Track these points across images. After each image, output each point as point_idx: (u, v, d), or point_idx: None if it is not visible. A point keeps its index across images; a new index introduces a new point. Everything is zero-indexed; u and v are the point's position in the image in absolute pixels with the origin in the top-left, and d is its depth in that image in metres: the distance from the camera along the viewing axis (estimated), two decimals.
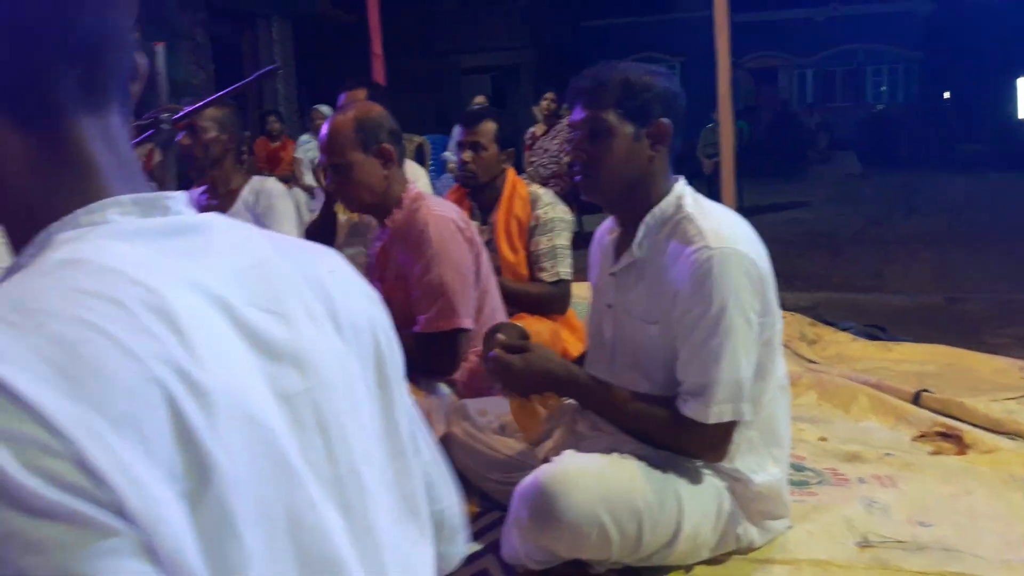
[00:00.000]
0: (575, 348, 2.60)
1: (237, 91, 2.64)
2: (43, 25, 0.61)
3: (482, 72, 17.17)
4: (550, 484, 1.48)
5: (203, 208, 2.66)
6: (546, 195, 2.91)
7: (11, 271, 0.61)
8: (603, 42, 17.35)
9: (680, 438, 1.60)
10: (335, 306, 0.73)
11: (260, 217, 2.77)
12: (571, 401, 1.83)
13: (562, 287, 2.83)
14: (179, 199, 0.67)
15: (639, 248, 1.69)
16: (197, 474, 0.55)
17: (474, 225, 2.38)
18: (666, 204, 1.69)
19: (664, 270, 1.63)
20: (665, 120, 1.68)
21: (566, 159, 6.68)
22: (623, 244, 1.76)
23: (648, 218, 1.69)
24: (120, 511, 0.51)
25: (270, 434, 0.62)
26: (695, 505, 1.60)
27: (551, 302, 2.80)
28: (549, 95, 6.66)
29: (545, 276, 2.82)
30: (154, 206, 0.65)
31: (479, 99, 6.89)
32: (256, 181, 2.88)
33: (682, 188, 1.71)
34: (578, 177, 1.73)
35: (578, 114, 1.71)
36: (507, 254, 2.82)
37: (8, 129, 0.62)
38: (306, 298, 0.70)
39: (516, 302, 2.68)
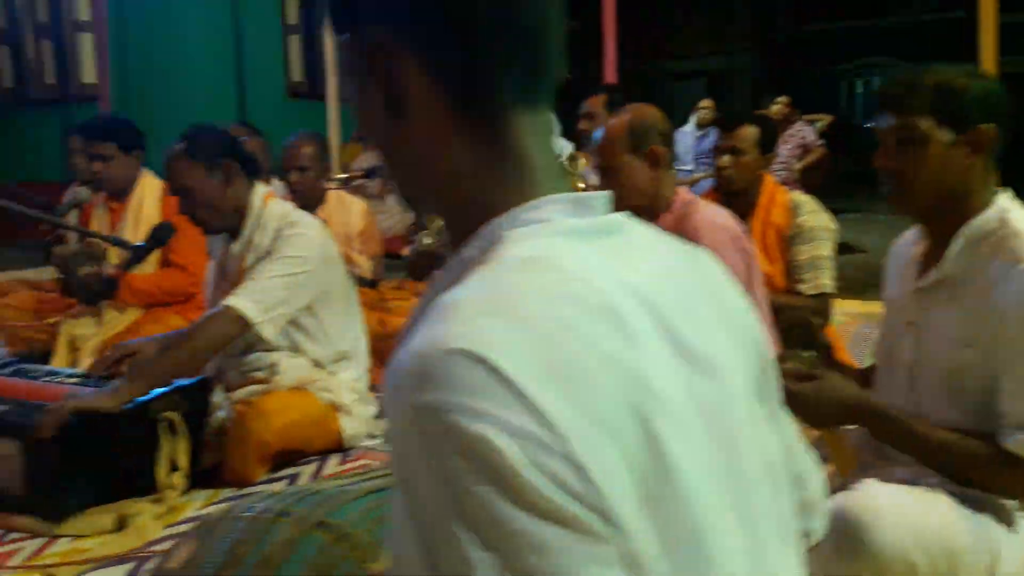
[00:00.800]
0: None
1: None
2: (492, 21, 0.62)
3: (696, 76, 16.84)
4: (858, 513, 1.39)
5: None
6: (809, 202, 2.78)
7: (464, 262, 0.62)
8: (825, 45, 16.55)
9: (999, 475, 1.46)
10: (728, 315, 0.70)
11: None
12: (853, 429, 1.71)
13: (823, 301, 2.69)
14: (602, 199, 0.67)
15: (953, 263, 1.56)
16: (661, 479, 0.54)
17: None
18: (987, 217, 1.54)
19: (986, 289, 1.49)
20: (986, 126, 1.54)
21: (797, 165, 6.41)
22: (931, 258, 1.62)
23: (965, 231, 1.55)
24: (607, 516, 0.50)
25: (695, 442, 0.60)
26: (1011, 550, 1.45)
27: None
28: (782, 99, 6.41)
29: (805, 288, 2.69)
30: (585, 205, 0.65)
31: (705, 103, 6.71)
32: None
33: (1008, 201, 1.56)
34: (885, 188, 1.62)
35: (886, 121, 1.60)
36: (763, 264, 2.71)
37: (460, 124, 0.64)
38: (708, 305, 0.68)
39: (772, 316, 2.58)
